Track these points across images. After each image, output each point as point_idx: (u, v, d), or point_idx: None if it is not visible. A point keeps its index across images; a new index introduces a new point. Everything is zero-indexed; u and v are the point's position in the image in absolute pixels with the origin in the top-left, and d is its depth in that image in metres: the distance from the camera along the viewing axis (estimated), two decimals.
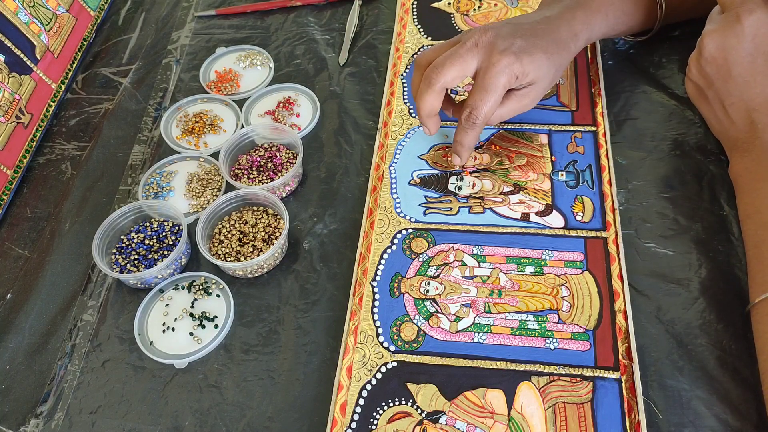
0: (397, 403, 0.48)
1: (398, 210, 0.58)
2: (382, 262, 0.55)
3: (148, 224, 0.61)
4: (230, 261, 0.56)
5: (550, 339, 0.50)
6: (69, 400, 0.52)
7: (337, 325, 0.53)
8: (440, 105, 0.56)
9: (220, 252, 0.57)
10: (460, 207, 0.58)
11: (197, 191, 0.63)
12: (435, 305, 0.52)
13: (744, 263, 0.51)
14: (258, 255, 0.56)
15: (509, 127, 0.63)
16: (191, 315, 0.55)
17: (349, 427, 0.47)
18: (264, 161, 0.63)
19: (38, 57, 0.71)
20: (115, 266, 0.58)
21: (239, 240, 0.58)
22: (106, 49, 0.80)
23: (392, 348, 0.51)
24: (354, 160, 0.64)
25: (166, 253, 0.58)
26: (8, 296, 0.60)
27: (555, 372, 0.48)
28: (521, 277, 0.53)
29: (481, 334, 0.50)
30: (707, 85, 0.53)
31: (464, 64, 0.54)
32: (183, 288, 0.57)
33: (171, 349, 0.54)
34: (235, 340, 0.54)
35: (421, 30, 0.74)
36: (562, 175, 0.59)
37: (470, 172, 0.60)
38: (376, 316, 0.52)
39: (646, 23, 0.63)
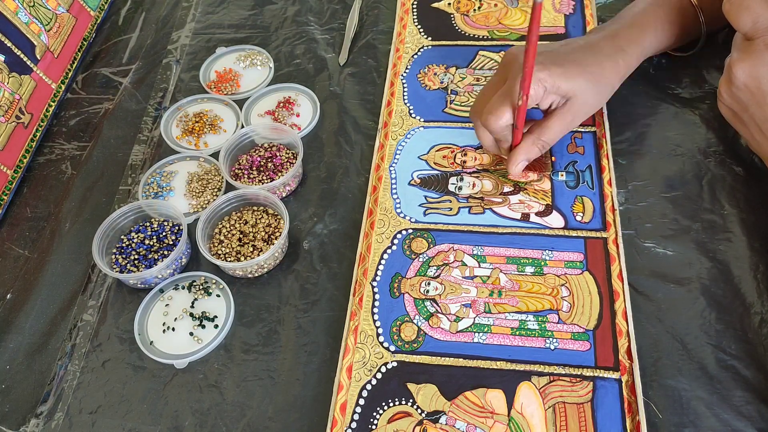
0: (397, 403, 0.48)
1: (398, 210, 0.58)
2: (382, 262, 0.55)
3: (148, 224, 0.61)
4: (230, 261, 0.56)
5: (550, 339, 0.50)
6: (69, 400, 0.52)
7: (337, 325, 0.53)
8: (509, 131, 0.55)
9: (220, 252, 0.57)
10: (460, 207, 0.58)
11: (197, 191, 0.63)
12: (435, 305, 0.52)
13: (744, 263, 0.52)
14: (258, 255, 0.56)
15: None
16: (191, 315, 0.55)
17: (349, 427, 0.47)
18: (264, 161, 0.63)
19: (38, 57, 0.71)
20: (115, 266, 0.58)
21: (239, 240, 0.58)
22: (106, 49, 0.80)
23: (392, 348, 0.51)
24: (354, 160, 0.64)
25: (166, 253, 0.58)
26: (8, 296, 0.60)
27: (555, 372, 0.48)
28: (521, 277, 0.53)
29: (481, 334, 0.50)
30: (742, 110, 0.52)
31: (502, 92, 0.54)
32: (183, 288, 0.57)
33: (171, 349, 0.54)
34: (235, 340, 0.54)
35: (421, 30, 0.74)
36: (562, 175, 0.59)
37: (470, 173, 0.60)
38: (376, 316, 0.52)
39: (693, 32, 0.62)
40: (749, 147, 0.56)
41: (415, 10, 0.76)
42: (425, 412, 0.47)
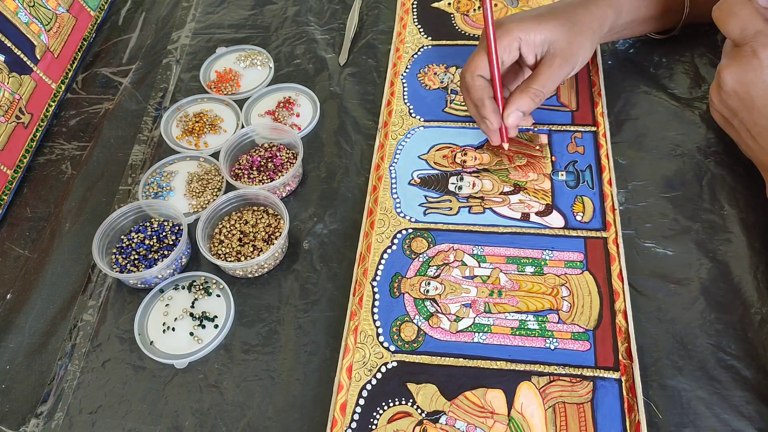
0: (397, 403, 0.48)
1: (398, 210, 0.58)
2: (382, 262, 0.55)
3: (148, 224, 0.61)
4: (230, 261, 0.56)
5: (550, 339, 0.50)
6: (69, 400, 0.52)
7: (337, 325, 0.53)
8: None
9: (220, 252, 0.57)
10: (460, 207, 0.58)
11: (197, 191, 0.63)
12: (435, 305, 0.52)
13: (744, 263, 0.52)
14: (258, 255, 0.56)
15: None
16: (191, 315, 0.55)
17: (349, 427, 0.47)
18: (264, 161, 0.63)
19: (38, 57, 0.71)
20: (115, 266, 0.58)
21: (239, 240, 0.58)
22: (106, 49, 0.80)
23: (392, 348, 0.51)
24: (354, 160, 0.64)
25: (166, 253, 0.58)
26: (8, 296, 0.60)
27: (555, 372, 0.48)
28: (521, 277, 0.53)
29: (481, 334, 0.50)
30: (732, 115, 0.53)
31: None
32: (183, 288, 0.57)
33: (171, 349, 0.54)
34: (235, 340, 0.54)
35: (421, 30, 0.74)
36: (562, 175, 0.59)
37: (470, 172, 0.60)
38: (376, 316, 0.52)
39: (673, 16, 0.63)
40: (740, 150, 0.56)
41: (415, 10, 0.76)
42: (425, 412, 0.47)
